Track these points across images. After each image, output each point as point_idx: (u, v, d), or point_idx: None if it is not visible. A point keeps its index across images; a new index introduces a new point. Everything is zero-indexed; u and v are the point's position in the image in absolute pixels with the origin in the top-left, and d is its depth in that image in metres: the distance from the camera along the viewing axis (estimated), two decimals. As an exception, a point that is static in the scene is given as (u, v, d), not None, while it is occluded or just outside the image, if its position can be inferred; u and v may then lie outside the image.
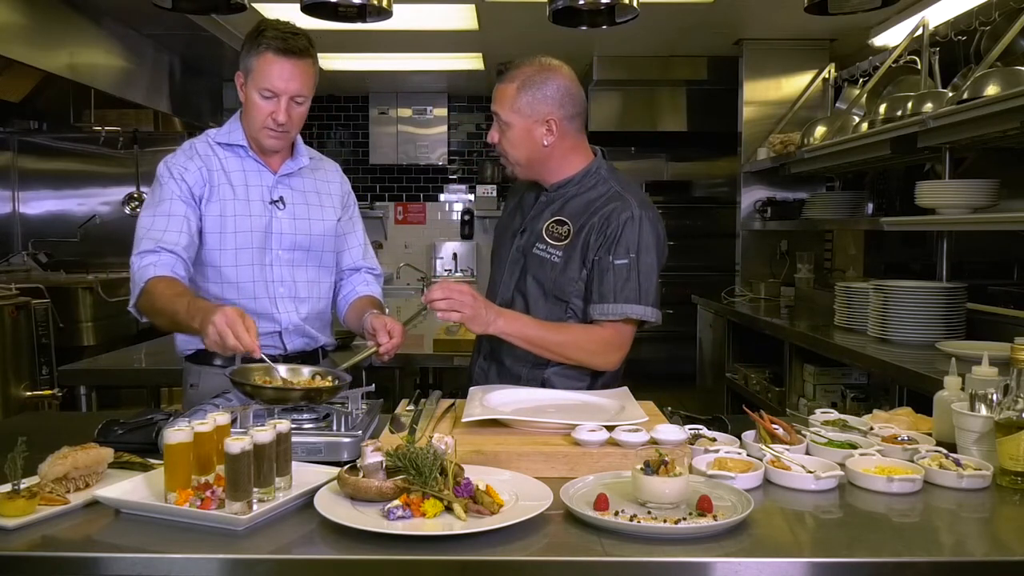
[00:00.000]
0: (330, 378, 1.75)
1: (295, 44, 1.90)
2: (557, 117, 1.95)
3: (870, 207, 4.67)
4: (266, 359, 1.71)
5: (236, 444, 1.24)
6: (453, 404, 1.84)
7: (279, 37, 1.90)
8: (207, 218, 1.99)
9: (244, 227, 2.00)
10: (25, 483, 1.28)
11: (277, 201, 2.05)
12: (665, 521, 1.22)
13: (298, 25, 1.98)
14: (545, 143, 1.97)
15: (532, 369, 2.03)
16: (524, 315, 1.97)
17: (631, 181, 2.08)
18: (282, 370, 1.77)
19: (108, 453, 1.43)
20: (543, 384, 2.01)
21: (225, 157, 2.03)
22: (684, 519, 1.23)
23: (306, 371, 1.79)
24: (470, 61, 6.11)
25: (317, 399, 1.64)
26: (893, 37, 4.56)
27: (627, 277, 1.93)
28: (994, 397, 1.53)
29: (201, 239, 2.00)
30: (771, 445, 1.56)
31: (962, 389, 1.66)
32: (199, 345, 2.01)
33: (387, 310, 2.21)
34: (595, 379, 2.04)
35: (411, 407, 1.79)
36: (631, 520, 1.21)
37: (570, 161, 2.03)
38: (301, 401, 1.62)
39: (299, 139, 2.11)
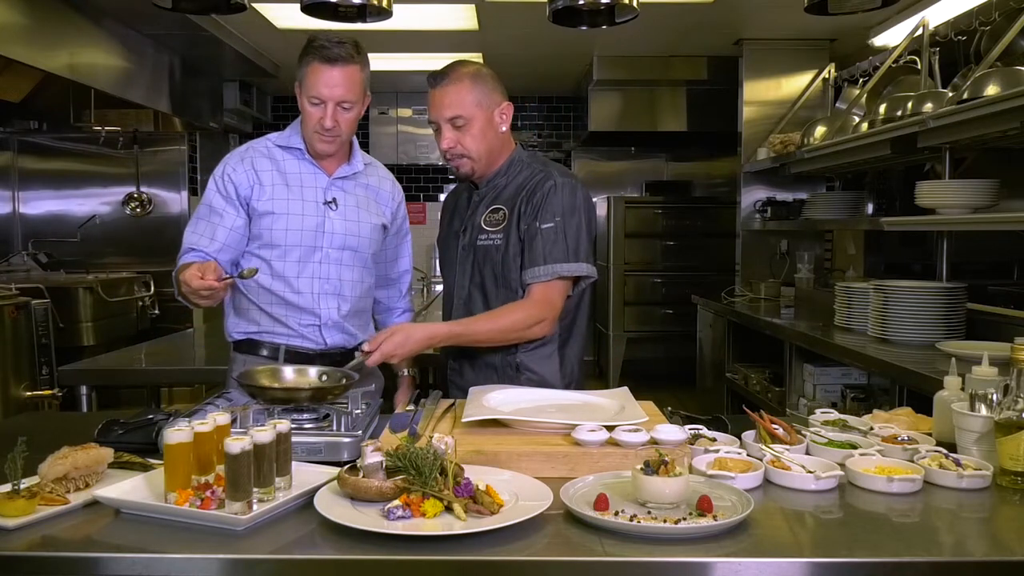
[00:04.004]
0: (337, 377, 1.76)
1: (339, 52, 1.98)
2: (506, 103, 2.10)
3: (870, 207, 4.67)
4: (226, 274, 1.88)
5: (236, 444, 1.24)
6: (453, 404, 1.84)
7: (323, 46, 1.99)
8: (261, 214, 2.09)
9: (296, 225, 2.09)
10: (25, 483, 1.28)
11: (330, 202, 2.13)
12: (665, 521, 1.22)
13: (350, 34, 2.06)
14: (503, 129, 2.11)
15: (504, 356, 2.09)
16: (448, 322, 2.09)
17: (550, 161, 2.21)
18: (288, 371, 1.79)
19: (108, 453, 1.43)
20: (517, 368, 2.07)
21: (284, 159, 2.14)
22: (684, 519, 1.23)
23: (312, 371, 1.81)
24: (470, 61, 6.11)
25: (326, 398, 1.66)
26: (893, 37, 4.56)
27: (555, 240, 2.02)
28: (994, 397, 1.53)
29: (254, 233, 2.11)
30: (771, 445, 1.56)
31: (962, 389, 1.66)
32: (245, 331, 2.14)
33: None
34: (563, 357, 2.12)
35: (411, 407, 1.79)
36: (631, 520, 1.21)
37: (503, 153, 2.15)
38: (310, 401, 1.63)
39: (356, 145, 2.21)
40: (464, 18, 4.87)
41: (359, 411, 1.66)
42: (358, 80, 2.03)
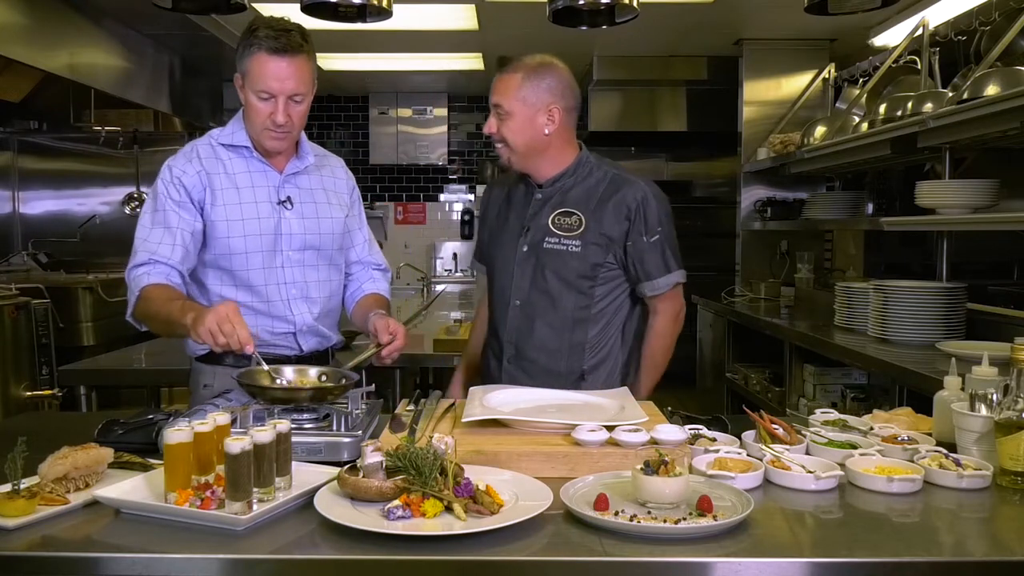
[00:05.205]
0: (337, 377, 1.76)
1: (288, 42, 1.85)
2: (558, 107, 2.05)
3: (870, 207, 4.67)
4: (259, 358, 1.69)
5: (236, 444, 1.24)
6: (453, 404, 1.84)
7: (271, 36, 1.84)
8: (214, 223, 1.95)
9: (253, 230, 1.97)
10: (25, 483, 1.28)
11: (285, 201, 2.01)
12: (665, 521, 1.22)
13: (293, 21, 1.92)
14: (546, 131, 2.06)
15: (569, 362, 2.10)
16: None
17: (618, 164, 2.20)
18: (288, 371, 1.78)
19: (108, 453, 1.43)
20: (582, 376, 2.10)
21: (229, 159, 2.00)
22: (684, 519, 1.23)
23: (313, 372, 1.80)
24: (470, 61, 6.11)
25: (326, 398, 1.65)
26: (893, 37, 4.56)
27: (662, 251, 2.10)
28: (994, 397, 1.53)
29: (210, 244, 1.97)
30: (771, 445, 1.56)
31: (962, 389, 1.66)
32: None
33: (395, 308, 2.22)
34: (625, 374, 2.15)
35: (411, 407, 1.79)
36: (631, 520, 1.21)
37: (565, 154, 2.12)
38: (310, 401, 1.63)
39: (303, 137, 2.07)
40: (464, 18, 4.87)
41: (359, 411, 1.66)
42: (308, 71, 1.91)
